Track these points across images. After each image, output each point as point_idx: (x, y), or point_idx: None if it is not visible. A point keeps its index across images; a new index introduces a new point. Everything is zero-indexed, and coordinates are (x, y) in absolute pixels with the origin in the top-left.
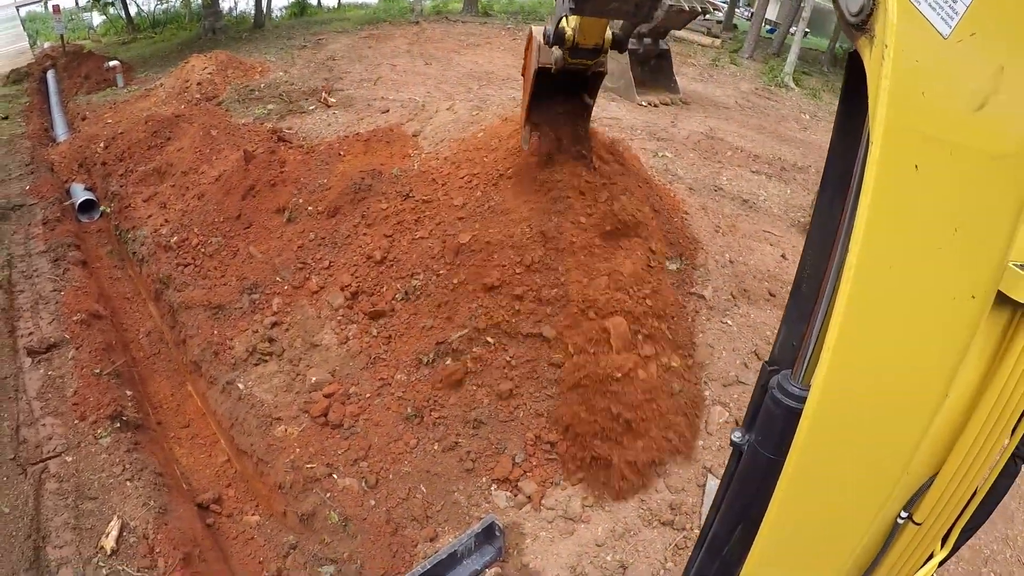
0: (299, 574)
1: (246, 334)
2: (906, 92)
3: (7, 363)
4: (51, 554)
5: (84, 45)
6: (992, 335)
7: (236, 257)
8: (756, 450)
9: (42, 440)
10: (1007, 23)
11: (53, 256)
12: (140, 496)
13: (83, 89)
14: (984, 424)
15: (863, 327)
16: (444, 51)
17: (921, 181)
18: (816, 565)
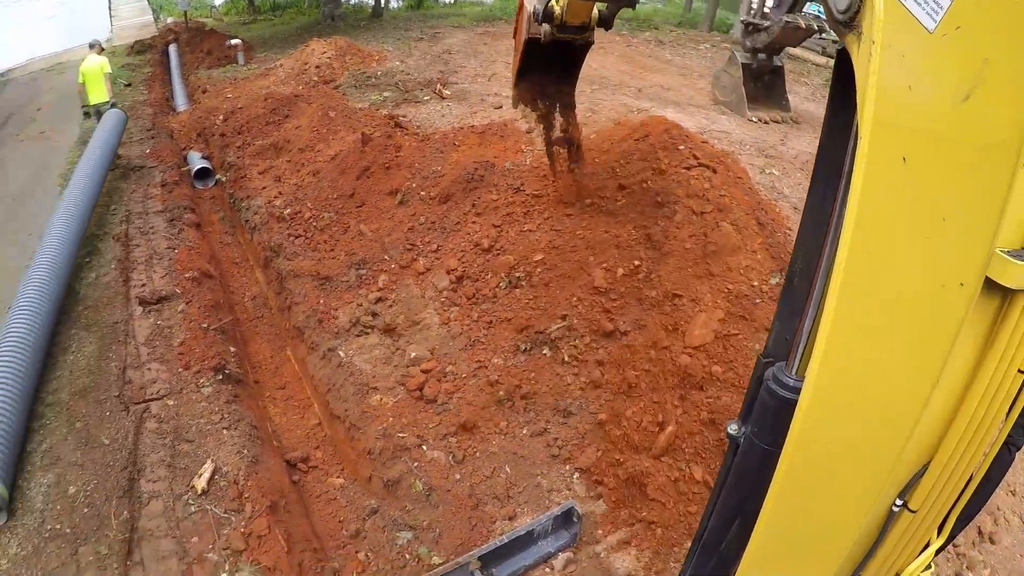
0: (377, 536)
1: (351, 306)
2: (893, 86)
3: (119, 309)
4: (144, 486)
5: (206, 23)
6: (982, 322)
7: (346, 233)
8: (752, 442)
9: (146, 383)
10: (991, 16)
11: (169, 216)
12: (235, 445)
13: (204, 64)
14: (976, 410)
15: (854, 317)
16: None
17: (909, 173)
18: (813, 557)
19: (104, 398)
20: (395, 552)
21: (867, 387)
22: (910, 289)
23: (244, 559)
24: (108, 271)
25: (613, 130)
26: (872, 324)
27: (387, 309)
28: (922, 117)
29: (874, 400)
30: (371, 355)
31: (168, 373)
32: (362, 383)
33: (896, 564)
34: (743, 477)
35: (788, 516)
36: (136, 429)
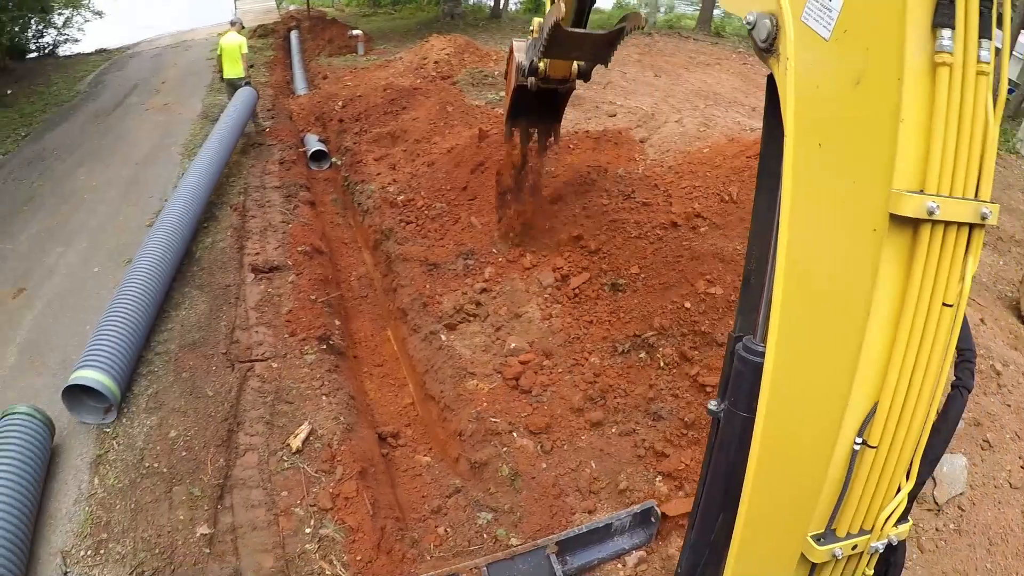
0: (458, 514)
1: (455, 294)
2: (805, 89)
3: (232, 274)
4: (241, 439)
5: (327, 12)
6: (900, 260)
7: (457, 224)
8: (732, 412)
9: (253, 344)
10: (867, 17)
11: (285, 192)
12: (332, 411)
13: (325, 51)
14: (909, 344)
15: (798, 282)
16: (673, 66)
17: (824, 155)
18: (794, 510)
19: (211, 353)
20: (473, 530)
21: (813, 336)
22: (838, 248)
23: (329, 517)
24: (224, 238)
25: (726, 146)
26: (811, 284)
27: (491, 300)
28: (828, 107)
29: (820, 346)
30: (471, 342)
31: (274, 338)
32: (460, 367)
33: (871, 508)
34: (726, 448)
35: (768, 474)
36: (239, 385)
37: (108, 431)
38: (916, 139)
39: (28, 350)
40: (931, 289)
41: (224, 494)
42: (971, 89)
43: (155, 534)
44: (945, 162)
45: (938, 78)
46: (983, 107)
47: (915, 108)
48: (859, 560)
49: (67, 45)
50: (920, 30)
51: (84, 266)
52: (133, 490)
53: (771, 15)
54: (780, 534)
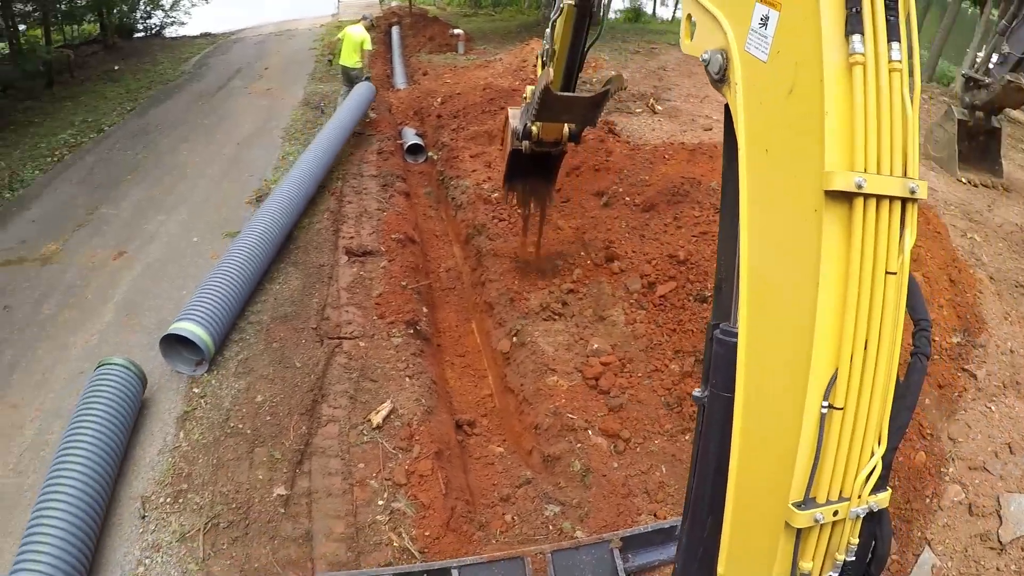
0: (526, 504)
1: (543, 292)
2: (752, 107)
3: (327, 255)
4: (324, 410)
5: (428, 10)
6: (840, 234)
7: (548, 224)
8: (715, 395)
9: (342, 322)
10: (793, 37)
11: (382, 182)
12: (414, 392)
13: (426, 48)
14: (859, 307)
15: (760, 270)
16: None
17: (770, 158)
18: (776, 478)
19: (302, 327)
20: (540, 521)
21: (774, 313)
22: (788, 232)
23: (403, 493)
24: (321, 220)
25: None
26: (769, 268)
27: (576, 300)
28: (770, 116)
29: (781, 321)
30: (555, 340)
31: (363, 318)
32: (542, 363)
33: (847, 474)
34: (712, 430)
35: (750, 447)
36: (327, 360)
37: (197, 391)
38: (841, 128)
39: (125, 309)
40: (872, 259)
41: (303, 460)
42: (886, 83)
43: (233, 490)
44: (869, 145)
45: (854, 76)
46: (899, 98)
47: (837, 102)
48: (843, 528)
49: (173, 27)
50: (835, 38)
51: (183, 235)
52: (216, 447)
53: (721, 50)
54: (765, 504)
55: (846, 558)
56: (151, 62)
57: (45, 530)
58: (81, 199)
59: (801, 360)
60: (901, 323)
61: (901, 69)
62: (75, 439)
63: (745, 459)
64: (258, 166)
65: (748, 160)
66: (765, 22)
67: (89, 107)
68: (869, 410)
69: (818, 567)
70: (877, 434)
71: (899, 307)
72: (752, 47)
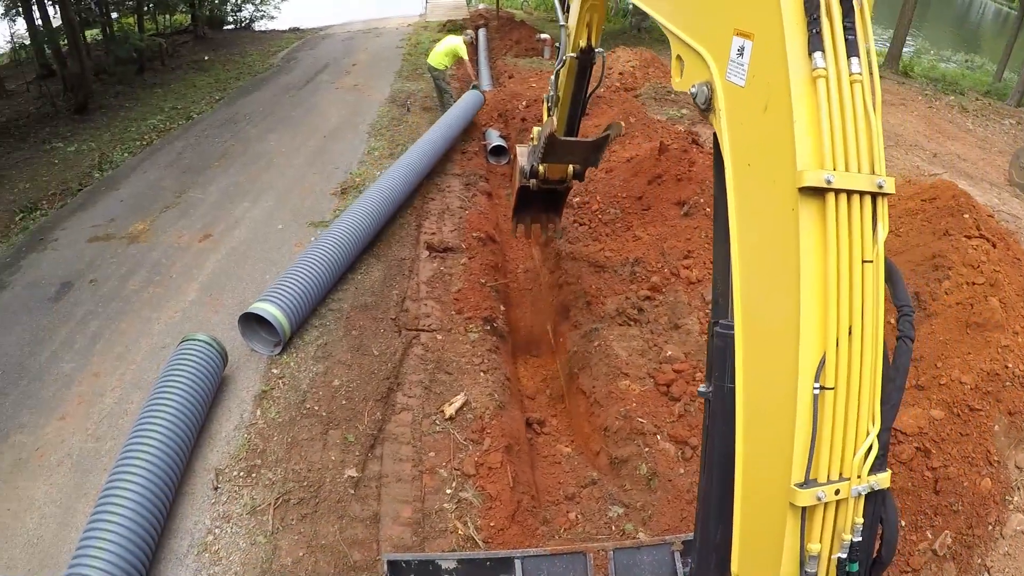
0: (591, 504)
1: (619, 297)
2: (735, 128)
3: (408, 249)
4: (399, 399)
5: (515, 14)
6: (816, 227)
7: (628, 231)
8: (720, 387)
9: (420, 315)
10: (764, 61)
11: (465, 180)
12: (487, 387)
13: (512, 52)
14: (839, 295)
15: (748, 263)
16: None
17: (752, 170)
18: (778, 462)
19: (381, 317)
20: (603, 521)
21: (765, 306)
22: (771, 231)
23: (471, 483)
24: (404, 214)
25: (902, 187)
26: (757, 265)
27: (652, 307)
28: (750, 134)
29: (770, 312)
30: (629, 344)
31: (441, 312)
32: (615, 367)
33: (845, 453)
34: (717, 422)
35: (752, 434)
36: (404, 350)
37: (276, 372)
38: (810, 133)
39: (209, 289)
40: (848, 249)
41: (376, 445)
42: (848, 92)
43: (306, 468)
44: (836, 146)
45: (818, 87)
46: (862, 104)
47: (804, 111)
48: (847, 507)
49: (263, 20)
50: (799, 57)
51: (268, 221)
52: (291, 426)
53: (706, 83)
54: (771, 490)
55: (853, 538)
56: (240, 54)
57: (120, 493)
58: (169, 182)
59: (791, 346)
60: (882, 308)
61: (861, 80)
62: (156, 407)
63: (749, 447)
64: (343, 159)
65: (734, 174)
66: (742, 52)
67: (179, 95)
68: (860, 390)
69: (826, 548)
70: (870, 414)
71: (878, 293)
72: (732, 75)
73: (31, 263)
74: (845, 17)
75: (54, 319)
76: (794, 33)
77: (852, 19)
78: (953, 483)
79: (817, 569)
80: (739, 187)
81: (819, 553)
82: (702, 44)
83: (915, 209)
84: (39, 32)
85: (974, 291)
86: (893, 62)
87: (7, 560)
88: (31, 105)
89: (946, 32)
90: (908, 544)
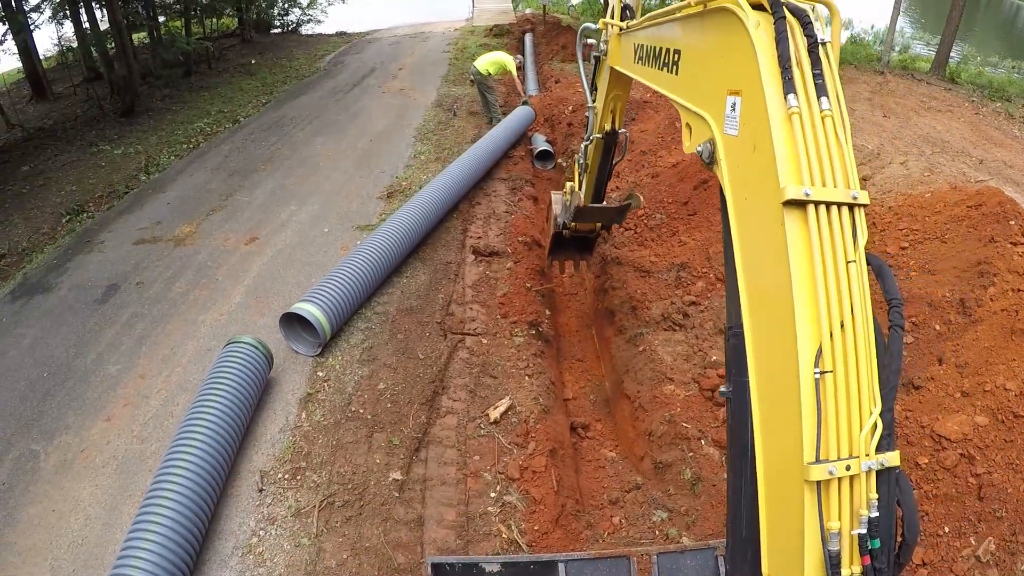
0: (634, 509)
1: (664, 302)
2: (733, 170)
3: (454, 253)
4: (444, 402)
5: (562, 19)
6: (801, 235)
7: (674, 236)
8: (740, 385)
9: (466, 319)
10: (752, 110)
11: (511, 185)
12: (532, 391)
13: (558, 57)
14: (827, 292)
15: (751, 273)
16: (904, 108)
17: (748, 200)
18: (791, 444)
19: (427, 321)
20: (647, 525)
21: (767, 307)
22: (765, 245)
23: (515, 487)
24: (450, 219)
25: (948, 193)
26: (757, 275)
27: (698, 313)
28: (744, 172)
29: (772, 312)
30: (674, 349)
31: (487, 316)
32: (660, 372)
33: (852, 432)
34: (740, 417)
35: (767, 419)
36: (449, 354)
37: (321, 375)
38: (789, 159)
39: (254, 291)
40: (832, 252)
41: (420, 448)
42: (820, 125)
43: (351, 471)
44: (812, 168)
45: (793, 122)
46: (833, 133)
47: (783, 141)
48: (860, 482)
49: (309, 24)
50: (776, 100)
51: (314, 225)
52: (336, 429)
53: (709, 140)
54: (787, 471)
55: (870, 514)
56: (287, 58)
57: (165, 494)
58: (215, 185)
59: (791, 340)
60: (869, 301)
61: (831, 115)
62: (202, 409)
63: (766, 435)
64: (390, 163)
65: (734, 207)
66: (734, 107)
67: (225, 98)
68: (858, 374)
69: (846, 524)
70: (871, 396)
71: (864, 289)
72: (728, 128)
73: (78, 265)
74: (814, 66)
75: (100, 321)
76: (771, 82)
77: (820, 68)
78: (997, 489)
79: (840, 546)
80: (738, 215)
81: (839, 530)
82: (704, 108)
83: (961, 216)
84: (87, 35)
85: (1020, 298)
86: (940, 68)
87: (52, 560)
88: (78, 108)
89: (993, 38)
90: (952, 550)
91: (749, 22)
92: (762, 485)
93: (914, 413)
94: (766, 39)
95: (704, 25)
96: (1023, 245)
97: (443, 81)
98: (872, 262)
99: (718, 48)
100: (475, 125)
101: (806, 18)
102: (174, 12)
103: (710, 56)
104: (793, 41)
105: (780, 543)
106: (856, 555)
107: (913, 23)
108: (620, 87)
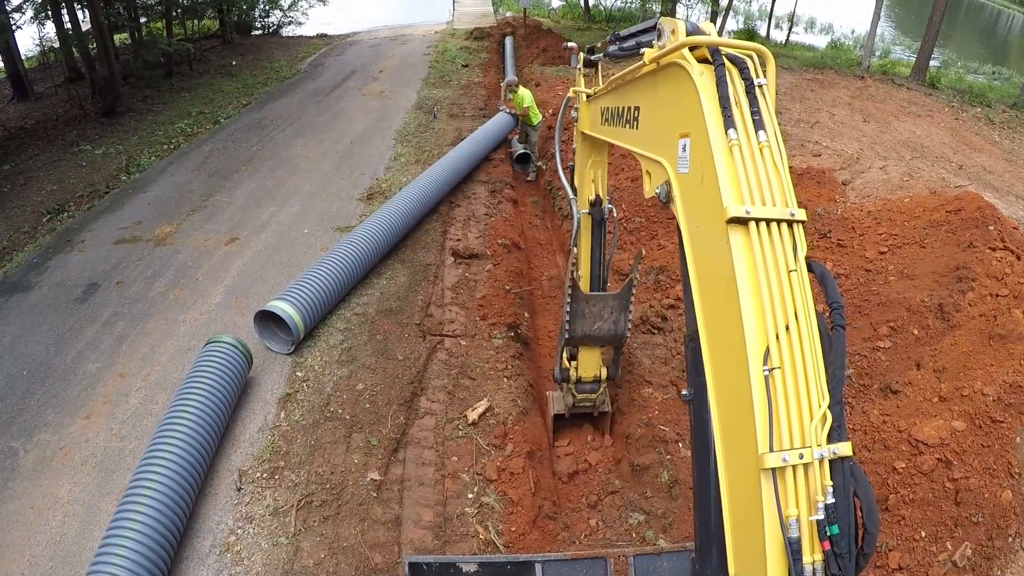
0: (611, 512)
1: (643, 306)
2: (686, 204)
3: (434, 255)
4: (422, 403)
5: (542, 22)
6: (746, 248)
7: (653, 240)
8: (699, 384)
9: (445, 320)
10: (698, 147)
11: (491, 188)
12: (511, 393)
13: (538, 60)
14: (771, 298)
15: (703, 287)
16: (884, 113)
17: (699, 228)
18: (746, 436)
19: (406, 322)
20: (623, 528)
21: (718, 314)
22: (714, 260)
23: (492, 488)
24: (429, 221)
25: (927, 198)
26: (709, 286)
27: (677, 316)
28: (695, 204)
29: (721, 319)
30: (652, 352)
31: (466, 318)
32: (638, 375)
33: (802, 425)
34: (701, 419)
35: (725, 416)
36: (428, 355)
37: (300, 375)
38: (731, 184)
39: (234, 291)
40: (774, 263)
41: (399, 448)
42: (759, 154)
43: (328, 471)
44: (752, 190)
45: (733, 153)
46: (771, 161)
47: (726, 169)
48: (814, 470)
49: (290, 27)
50: (718, 135)
51: (294, 225)
52: (315, 429)
53: (665, 182)
54: (745, 463)
55: (826, 500)
56: (268, 59)
57: (143, 492)
58: (196, 186)
59: (741, 343)
60: (812, 306)
61: (768, 145)
62: (181, 408)
63: (724, 431)
64: (370, 164)
65: (688, 235)
66: (685, 147)
67: (206, 99)
68: (805, 371)
69: (803, 511)
70: (819, 391)
71: (806, 295)
72: (681, 167)
73: (58, 264)
74: (752, 105)
75: (80, 320)
76: (713, 121)
77: (757, 106)
78: (974, 494)
79: (800, 533)
80: (692, 240)
81: (798, 517)
82: (660, 154)
83: (940, 220)
84: (68, 36)
85: (998, 303)
86: (920, 74)
87: (30, 557)
88: (59, 108)
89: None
90: (928, 555)
91: (694, 72)
92: (724, 481)
93: (892, 417)
94: (709, 84)
95: (657, 81)
96: (1002, 250)
97: (423, 84)
98: (815, 269)
99: (670, 98)
100: (455, 128)
101: (743, 64)
102: (155, 13)
103: (664, 106)
104: (732, 85)
105: (744, 537)
106: (816, 543)
107: (894, 27)
108: (597, 152)
